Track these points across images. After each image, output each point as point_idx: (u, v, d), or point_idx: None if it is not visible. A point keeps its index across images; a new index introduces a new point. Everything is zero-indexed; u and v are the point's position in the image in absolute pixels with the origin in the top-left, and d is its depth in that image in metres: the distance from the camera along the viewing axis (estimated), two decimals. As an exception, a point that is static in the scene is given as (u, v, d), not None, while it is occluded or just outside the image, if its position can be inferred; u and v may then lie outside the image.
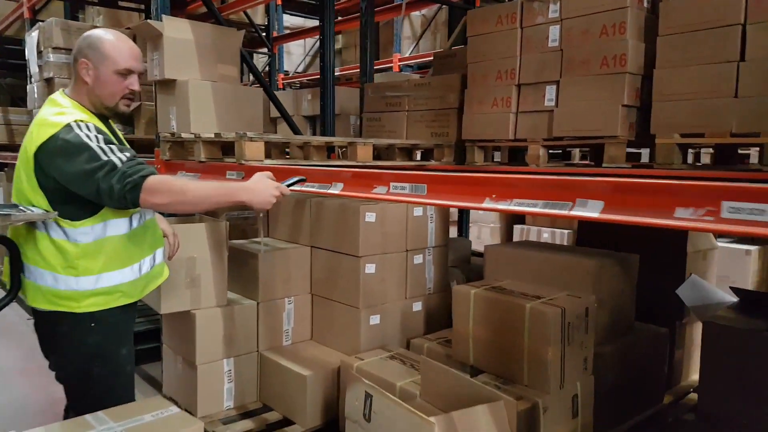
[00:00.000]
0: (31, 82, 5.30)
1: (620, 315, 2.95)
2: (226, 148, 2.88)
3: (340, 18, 6.55)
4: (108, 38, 1.93)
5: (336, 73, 8.19)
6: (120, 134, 2.16)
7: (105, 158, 1.76)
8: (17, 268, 1.93)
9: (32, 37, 5.06)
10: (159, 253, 2.13)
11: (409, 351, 3.01)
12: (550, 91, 2.83)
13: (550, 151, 3.02)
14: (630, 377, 2.87)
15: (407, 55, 8.56)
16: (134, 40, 2.15)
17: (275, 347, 3.16)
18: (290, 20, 9.73)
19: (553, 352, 2.38)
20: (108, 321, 1.94)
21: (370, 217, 2.98)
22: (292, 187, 2.04)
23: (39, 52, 4.87)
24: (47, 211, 1.82)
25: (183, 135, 2.89)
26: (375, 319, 3.04)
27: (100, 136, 1.81)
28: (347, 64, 9.36)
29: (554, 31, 2.79)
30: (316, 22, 8.59)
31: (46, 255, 1.87)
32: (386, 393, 2.01)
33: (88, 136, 1.79)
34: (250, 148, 2.51)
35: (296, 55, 10.75)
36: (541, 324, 2.39)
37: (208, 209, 1.96)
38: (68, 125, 1.81)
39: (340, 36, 9.66)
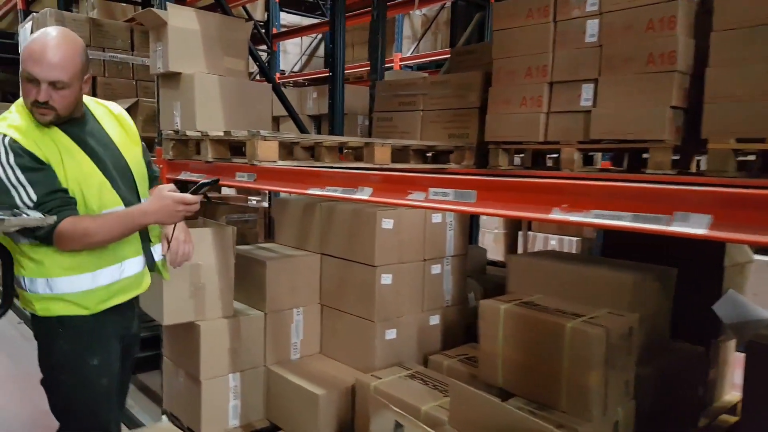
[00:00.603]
0: (22, 76, 5.03)
1: (657, 334, 2.76)
2: (235, 147, 2.65)
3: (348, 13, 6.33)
4: (35, 36, 1.69)
5: (336, 72, 7.98)
6: (114, 125, 1.93)
7: (14, 197, 1.64)
8: (10, 277, 1.77)
9: (25, 29, 4.79)
10: (131, 263, 1.91)
11: (428, 369, 2.79)
12: (587, 90, 2.62)
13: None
14: (667, 400, 2.67)
15: (408, 54, 8.36)
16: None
17: (283, 361, 2.93)
18: (287, 18, 9.51)
19: (596, 377, 2.18)
20: (77, 327, 1.79)
21: (387, 223, 2.76)
22: (201, 191, 1.86)
23: (30, 44, 4.61)
24: (44, 215, 1.60)
25: (188, 133, 2.66)
26: (391, 334, 2.82)
27: (15, 161, 1.63)
28: (347, 63, 9.16)
29: (592, 26, 2.59)
30: (313, 20, 8.38)
31: (7, 248, 1.79)
32: (420, 424, 1.79)
33: (1, 164, 1.63)
34: (263, 148, 2.29)
35: (293, 54, 10.52)
36: (583, 345, 2.18)
37: (115, 241, 1.82)
38: None
39: (339, 35, 9.45)
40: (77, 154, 1.75)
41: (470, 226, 4.84)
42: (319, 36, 9.61)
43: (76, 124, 1.80)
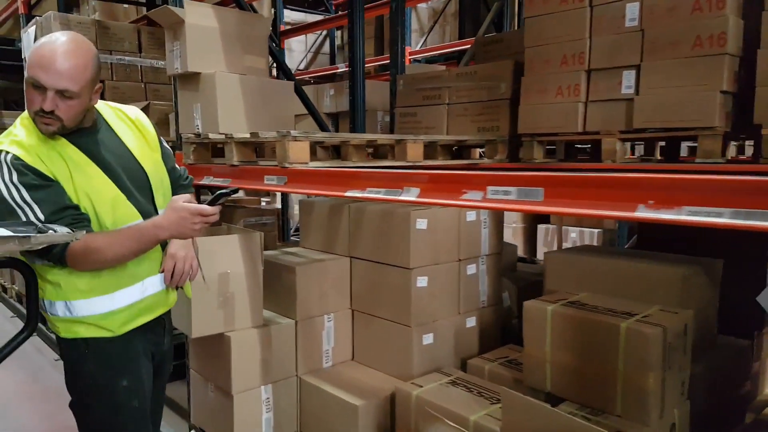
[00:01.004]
0: (26, 82, 4.92)
1: (706, 329, 2.63)
2: (260, 149, 2.54)
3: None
4: (44, 40, 1.56)
5: (343, 68, 7.85)
6: (130, 132, 1.80)
7: (20, 218, 1.53)
8: (35, 298, 1.67)
9: (29, 34, 4.67)
10: (154, 281, 1.79)
11: (468, 374, 2.67)
12: (628, 77, 2.50)
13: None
14: (716, 397, 2.55)
15: (417, 48, 8.21)
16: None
17: (315, 370, 2.82)
18: (290, 15, 9.38)
19: (654, 379, 2.06)
20: (103, 348, 1.69)
21: (422, 223, 2.64)
22: (219, 201, 1.72)
23: (35, 49, 4.49)
24: (72, 230, 1.48)
25: (211, 135, 2.54)
26: (428, 338, 2.70)
27: (18, 179, 1.52)
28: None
29: (632, 9, 2.46)
30: (317, 17, 8.25)
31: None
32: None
33: (2, 179, 1.53)
34: (295, 149, 2.17)
35: (297, 51, 10.38)
36: (640, 346, 2.06)
37: (131, 259, 1.69)
38: None
39: (344, 31, 9.32)
40: (87, 167, 1.63)
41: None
42: (324, 33, 9.47)
43: (85, 134, 1.67)
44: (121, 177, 1.69)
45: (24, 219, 1.52)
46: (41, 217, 1.52)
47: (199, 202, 3.11)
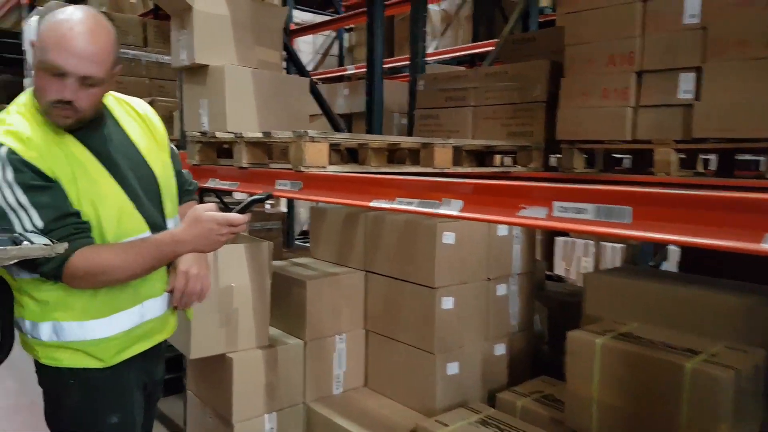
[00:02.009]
0: (27, 75, 4.68)
1: (768, 365, 2.34)
2: (272, 150, 2.27)
3: (360, 10, 5.94)
4: (59, 17, 1.30)
5: (352, 71, 7.60)
6: (138, 127, 1.54)
7: (12, 223, 1.29)
8: (10, 318, 1.42)
9: (30, 25, 4.42)
10: (154, 304, 1.52)
11: (497, 410, 2.38)
12: (687, 80, 2.22)
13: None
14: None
15: (429, 51, 7.95)
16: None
17: (324, 397, 2.54)
18: (299, 16, 9.18)
19: (725, 430, 1.77)
20: (91, 380, 1.43)
21: (449, 237, 2.37)
22: (250, 209, 1.49)
23: (36, 41, 4.25)
24: (50, 242, 1.21)
25: (218, 134, 2.27)
26: (453, 368, 2.42)
27: (14, 176, 1.27)
28: (359, 62, 8.80)
29: (693, 3, 2.18)
30: (326, 18, 8.03)
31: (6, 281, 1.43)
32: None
33: None
34: (312, 151, 1.90)
35: (306, 53, 10.16)
36: (709, 391, 1.79)
37: (144, 275, 1.45)
38: None
39: (353, 33, 9.09)
40: (93, 168, 1.38)
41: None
42: (333, 35, 9.24)
43: (91, 128, 1.41)
44: (129, 181, 1.44)
45: (18, 225, 1.28)
46: (39, 224, 1.29)
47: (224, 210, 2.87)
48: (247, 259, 2.29)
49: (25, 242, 1.21)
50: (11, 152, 1.27)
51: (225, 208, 4.57)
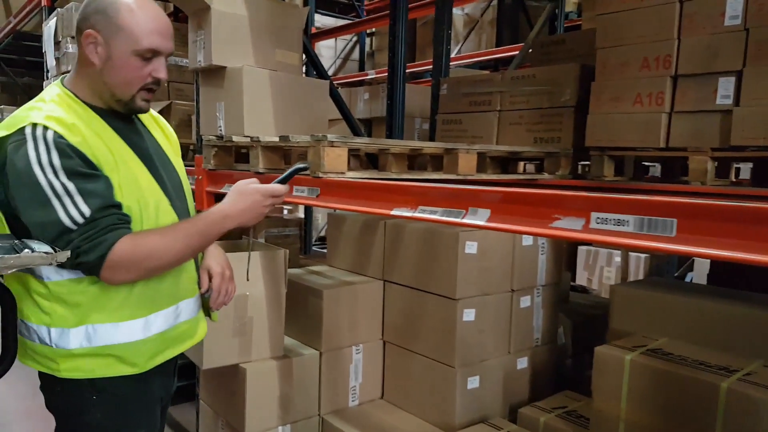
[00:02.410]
0: (47, 78, 4.68)
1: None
2: (288, 155, 2.20)
3: (382, 14, 5.89)
4: (123, 3, 1.28)
5: (372, 75, 7.54)
6: (159, 136, 1.49)
7: (54, 208, 1.19)
8: (12, 324, 1.29)
9: (49, 26, 4.44)
10: (188, 305, 1.45)
11: (519, 426, 2.28)
12: (726, 85, 2.10)
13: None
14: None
15: (452, 56, 7.86)
16: (174, 17, 1.48)
17: (340, 410, 2.46)
18: (320, 20, 9.16)
19: (764, 455, 1.66)
20: (117, 392, 1.33)
21: (471, 247, 2.28)
22: (290, 180, 1.50)
23: (56, 43, 4.26)
24: (53, 250, 1.14)
25: (235, 138, 2.21)
26: (473, 382, 2.33)
27: (61, 162, 1.19)
28: (381, 67, 8.76)
29: (734, 4, 2.07)
30: (348, 22, 7.99)
31: (16, 297, 1.29)
32: None
33: (39, 160, 1.18)
34: (331, 157, 1.82)
35: (326, 57, 10.15)
36: (746, 413, 1.68)
37: (191, 258, 1.41)
38: (22, 131, 1.21)
39: (374, 37, 9.04)
40: (132, 162, 1.33)
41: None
42: (354, 39, 9.21)
43: (121, 119, 1.37)
44: (162, 177, 1.39)
45: (62, 213, 1.18)
46: (86, 212, 1.20)
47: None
48: (263, 267, 2.23)
49: (26, 250, 1.14)
50: (58, 136, 1.20)
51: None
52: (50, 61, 4.63)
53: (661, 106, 2.25)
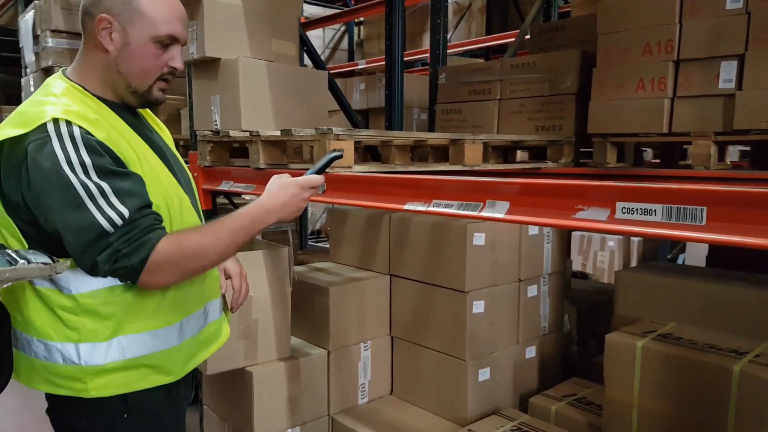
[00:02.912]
0: (25, 74, 4.56)
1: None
2: (289, 148, 2.16)
3: (375, 1, 5.81)
4: None
5: (363, 65, 7.46)
6: (162, 132, 1.43)
7: (90, 210, 1.10)
8: (6, 340, 1.22)
9: (26, 20, 4.32)
10: (214, 306, 1.41)
11: (531, 416, 2.27)
12: (728, 69, 2.09)
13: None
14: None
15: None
16: None
17: (350, 408, 2.44)
18: (308, 9, 9.05)
19: (778, 436, 1.66)
20: (150, 406, 1.26)
21: (479, 239, 2.25)
22: (324, 172, 1.42)
23: (35, 37, 4.14)
24: (51, 260, 1.08)
25: (232, 133, 2.16)
26: (484, 374, 2.31)
27: (92, 160, 1.10)
28: (370, 56, 8.67)
29: (737, -13, 2.05)
30: (336, 11, 7.90)
31: (30, 312, 1.20)
32: None
33: (69, 160, 1.09)
34: (338, 150, 1.77)
35: (315, 47, 10.05)
36: (758, 394, 1.68)
37: (232, 255, 1.36)
38: (43, 128, 1.10)
39: (363, 27, 8.96)
40: (152, 158, 1.25)
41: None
42: (342, 29, 9.11)
43: (132, 114, 1.31)
44: (177, 174, 1.33)
45: (98, 215, 1.09)
46: (125, 213, 1.11)
47: (214, 210, 2.75)
48: (266, 266, 2.18)
49: (21, 262, 1.07)
50: (85, 132, 1.11)
51: (235, 208, 4.46)
52: (29, 57, 4.48)
53: (664, 92, 2.24)
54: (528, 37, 3.47)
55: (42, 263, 1.05)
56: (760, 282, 2.23)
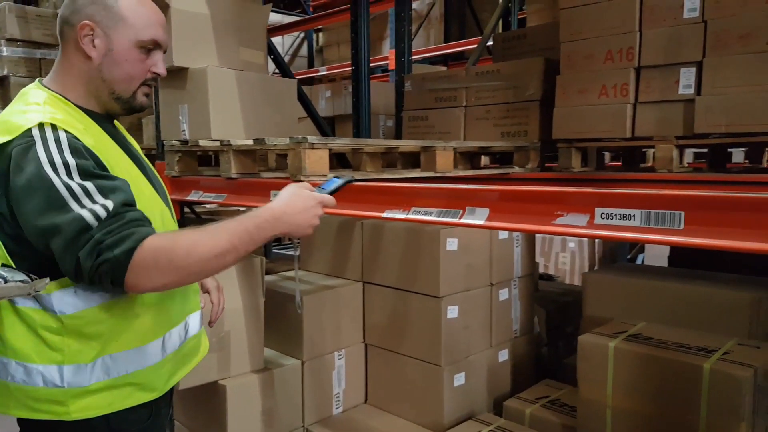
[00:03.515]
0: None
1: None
2: (263, 158, 2.13)
3: (337, 9, 5.81)
4: None
5: (323, 72, 7.44)
6: (133, 144, 1.39)
7: (72, 209, 1.03)
8: None
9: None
10: (195, 320, 1.37)
11: (505, 419, 2.30)
12: (687, 75, 2.17)
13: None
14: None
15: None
16: None
17: (325, 419, 2.41)
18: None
19: (746, 429, 1.73)
20: (129, 430, 1.21)
21: (452, 244, 2.27)
22: (337, 193, 1.35)
23: (-12, 46, 3.98)
24: (29, 278, 1.03)
25: (202, 143, 2.12)
26: (459, 379, 2.33)
27: (76, 163, 1.06)
28: (330, 63, 8.67)
29: (693, -3, 2.14)
30: (294, 18, 7.86)
31: (8, 333, 1.14)
32: None
33: (52, 162, 1.04)
34: (313, 159, 1.77)
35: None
36: (729, 391, 1.75)
37: (233, 264, 1.18)
38: (28, 134, 1.06)
39: (322, 34, 8.94)
40: (132, 170, 1.22)
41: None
42: (302, 35, 9.08)
43: (109, 123, 1.27)
44: (157, 187, 1.29)
45: (81, 210, 1.02)
46: (109, 206, 1.05)
47: (182, 222, 2.69)
48: (238, 278, 2.15)
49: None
50: (73, 137, 1.08)
51: (198, 220, 4.36)
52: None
53: (626, 97, 2.31)
54: (490, 44, 3.54)
55: (20, 281, 1.00)
56: (721, 281, 2.33)
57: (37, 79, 1.26)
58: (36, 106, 1.13)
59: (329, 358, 2.42)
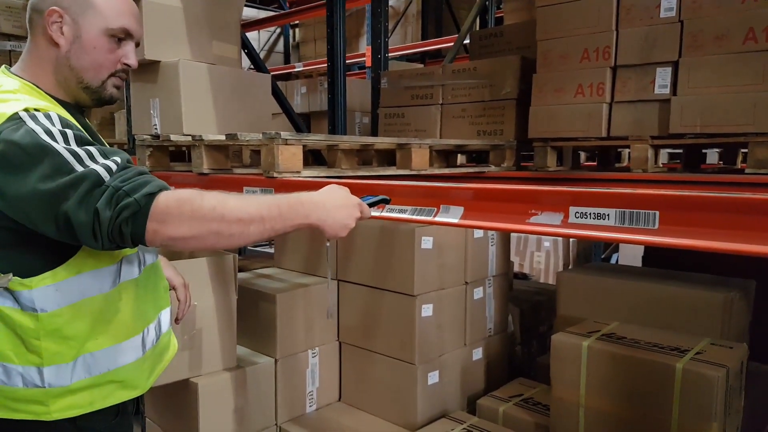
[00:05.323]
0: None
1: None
2: (235, 153, 2.08)
3: (313, 4, 5.75)
4: None
5: (300, 68, 7.38)
6: (102, 140, 1.35)
7: (80, 168, 0.98)
8: None
9: None
10: (166, 316, 1.35)
11: (479, 418, 2.29)
12: (663, 75, 2.19)
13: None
14: (760, 435, 2.29)
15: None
16: None
17: (299, 417, 2.38)
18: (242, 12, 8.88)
19: (718, 428, 1.75)
20: (96, 429, 1.18)
21: (427, 242, 2.26)
22: (373, 210, 1.35)
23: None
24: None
25: (174, 137, 2.06)
26: (433, 377, 2.32)
27: (69, 132, 1.03)
28: (306, 59, 8.61)
29: (669, -3, 2.16)
30: (270, 13, 7.78)
31: None
32: None
33: (49, 132, 1.01)
34: (286, 155, 1.73)
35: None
36: (701, 391, 1.76)
37: (258, 241, 1.10)
38: (15, 117, 1.02)
39: (298, 29, 8.86)
40: None
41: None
42: (278, 31, 8.98)
43: (81, 114, 1.26)
44: None
45: (80, 168, 0.97)
46: (118, 160, 1.01)
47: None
48: (210, 275, 2.10)
49: None
50: (45, 111, 1.05)
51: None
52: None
53: (602, 97, 2.32)
54: (468, 42, 3.53)
55: None
56: (694, 281, 2.35)
57: (3, 66, 1.21)
58: (10, 94, 1.09)
59: (303, 356, 2.39)
